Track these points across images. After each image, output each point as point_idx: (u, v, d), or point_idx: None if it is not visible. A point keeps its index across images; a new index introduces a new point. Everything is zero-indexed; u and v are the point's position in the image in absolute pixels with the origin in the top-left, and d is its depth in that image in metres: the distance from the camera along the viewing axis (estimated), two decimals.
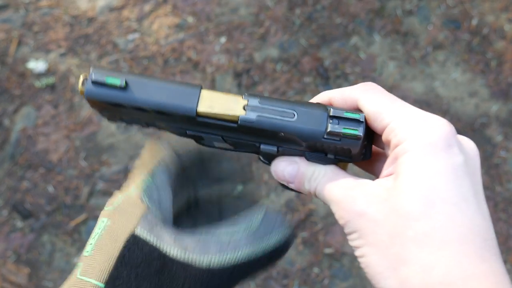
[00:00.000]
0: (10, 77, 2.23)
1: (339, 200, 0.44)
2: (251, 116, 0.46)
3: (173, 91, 0.46)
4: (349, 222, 0.43)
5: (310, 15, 2.33)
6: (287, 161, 0.49)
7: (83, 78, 0.46)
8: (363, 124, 0.46)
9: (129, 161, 2.05)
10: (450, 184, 0.39)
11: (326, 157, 0.47)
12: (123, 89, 0.45)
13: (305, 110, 0.46)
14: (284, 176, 0.49)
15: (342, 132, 0.45)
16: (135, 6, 2.36)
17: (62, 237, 1.94)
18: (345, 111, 0.46)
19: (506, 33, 2.27)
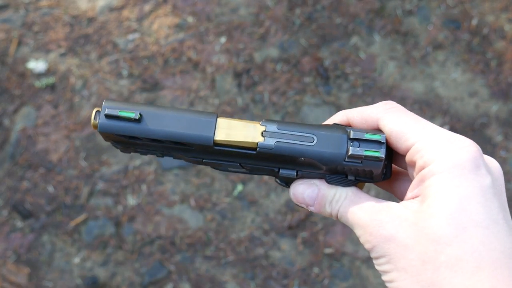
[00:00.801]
0: (10, 77, 2.23)
1: (365, 224, 0.44)
2: (270, 143, 0.46)
3: (188, 121, 0.46)
4: (377, 246, 0.43)
5: (310, 15, 2.33)
6: (306, 184, 0.49)
7: (95, 111, 0.46)
8: (384, 145, 0.45)
9: (129, 161, 2.05)
10: (480, 207, 0.39)
11: (346, 179, 0.47)
12: (138, 122, 0.45)
13: (325, 134, 0.46)
14: (304, 199, 0.49)
15: (363, 154, 0.45)
16: (135, 6, 2.37)
17: (62, 237, 1.94)
18: (365, 133, 0.45)
19: (506, 33, 2.27)
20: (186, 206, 1.97)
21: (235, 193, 1.99)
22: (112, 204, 1.99)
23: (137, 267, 1.89)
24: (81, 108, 2.15)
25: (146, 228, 1.94)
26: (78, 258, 1.91)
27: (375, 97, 2.15)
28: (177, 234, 1.93)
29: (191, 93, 2.17)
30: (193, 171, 2.03)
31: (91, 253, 1.91)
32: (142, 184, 2.01)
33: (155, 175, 2.02)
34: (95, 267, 1.90)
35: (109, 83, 2.20)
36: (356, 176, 0.47)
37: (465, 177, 0.40)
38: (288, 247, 1.91)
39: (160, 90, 2.18)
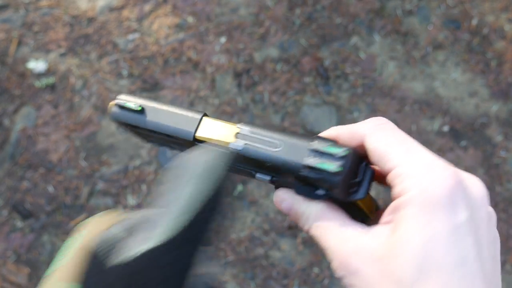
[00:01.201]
0: (10, 77, 2.23)
1: (334, 251, 0.42)
2: (239, 144, 0.46)
3: (178, 116, 0.50)
4: (344, 277, 0.41)
5: (310, 15, 2.33)
6: (285, 194, 0.47)
7: (111, 104, 0.53)
8: (343, 160, 0.43)
9: (129, 161, 2.05)
10: (449, 248, 0.37)
11: (314, 193, 0.45)
12: (139, 113, 0.51)
13: (290, 142, 0.45)
14: (282, 208, 0.47)
15: (317, 166, 0.43)
16: (135, 6, 2.37)
17: (62, 237, 1.94)
18: (328, 145, 0.44)
19: (506, 33, 2.27)
20: None
21: (235, 193, 1.99)
22: (112, 204, 1.98)
23: None
24: (81, 108, 2.15)
25: None
26: None
27: (375, 97, 2.15)
28: None
29: (191, 93, 2.17)
30: None
31: None
32: (142, 184, 2.01)
33: (155, 175, 2.02)
34: None
35: (109, 83, 2.20)
36: (326, 191, 0.45)
37: (437, 215, 0.38)
38: (288, 247, 1.91)
39: (160, 90, 2.18)
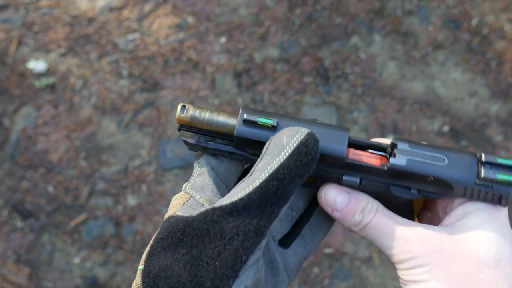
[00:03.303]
0: (10, 77, 2.23)
1: (406, 236, 0.48)
2: (401, 160, 0.47)
3: (323, 133, 0.48)
4: (418, 257, 0.47)
5: (310, 15, 2.33)
6: (339, 189, 0.51)
7: (181, 106, 0.50)
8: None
9: (129, 161, 2.05)
10: (510, 246, 0.48)
11: (410, 192, 0.49)
12: (274, 129, 0.48)
13: (455, 155, 0.48)
14: (335, 203, 0.51)
15: (496, 178, 0.46)
16: (135, 6, 2.37)
17: (62, 237, 1.94)
18: (497, 157, 0.47)
19: (506, 33, 2.27)
20: None
21: None
22: (112, 204, 1.99)
23: (137, 267, 1.89)
24: (81, 108, 2.15)
25: (146, 228, 1.94)
26: (78, 258, 1.91)
27: (375, 97, 2.15)
28: None
29: (191, 93, 2.17)
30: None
31: (91, 253, 1.91)
32: (142, 184, 2.01)
33: (155, 175, 2.02)
34: (95, 267, 1.90)
35: (109, 83, 2.20)
36: (418, 190, 0.49)
37: (502, 218, 0.49)
38: None
39: (160, 90, 2.18)
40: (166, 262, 0.43)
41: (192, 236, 0.44)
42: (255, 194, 0.44)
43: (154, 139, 2.09)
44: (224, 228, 0.43)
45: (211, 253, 0.42)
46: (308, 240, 0.56)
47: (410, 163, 0.47)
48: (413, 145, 0.48)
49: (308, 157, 0.44)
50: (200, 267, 0.42)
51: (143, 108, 2.15)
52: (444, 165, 0.47)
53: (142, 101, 2.16)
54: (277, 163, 0.44)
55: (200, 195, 0.49)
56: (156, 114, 2.13)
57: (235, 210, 0.43)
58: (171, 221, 0.46)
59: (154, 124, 2.12)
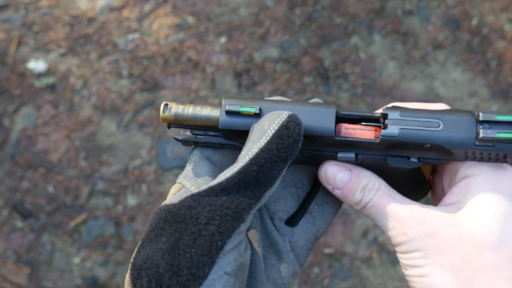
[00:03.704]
0: (10, 77, 2.23)
1: (404, 217, 0.45)
2: (393, 130, 0.45)
3: (309, 113, 0.46)
4: (414, 240, 0.44)
5: (310, 15, 2.33)
6: (340, 166, 0.49)
7: (163, 105, 0.48)
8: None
9: (129, 161, 2.05)
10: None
11: (409, 161, 0.47)
12: (258, 116, 0.46)
13: (450, 118, 0.45)
14: (335, 181, 0.49)
15: (496, 137, 0.43)
16: (135, 6, 2.37)
17: (62, 237, 1.94)
18: (495, 114, 0.44)
19: (506, 33, 2.27)
20: None
21: None
22: (112, 204, 1.99)
23: None
24: (81, 108, 2.15)
25: (146, 228, 1.94)
26: (78, 258, 1.91)
27: (375, 97, 2.15)
28: None
29: (191, 93, 2.17)
30: None
31: (91, 253, 1.91)
32: (142, 184, 2.01)
33: (155, 175, 2.02)
34: (95, 267, 1.90)
35: (109, 83, 2.20)
36: (418, 158, 0.46)
37: (508, 183, 0.45)
38: None
39: (160, 90, 2.18)
40: (149, 253, 0.42)
41: (171, 223, 0.43)
42: (234, 180, 0.42)
43: (154, 139, 2.09)
44: (200, 213, 0.42)
45: (187, 240, 0.41)
46: (317, 216, 0.54)
47: (403, 133, 0.45)
48: (404, 112, 0.46)
49: (290, 139, 0.43)
50: (177, 255, 0.41)
51: (143, 108, 2.15)
52: (439, 130, 0.44)
53: (142, 101, 2.16)
54: (258, 147, 0.43)
55: (191, 184, 0.48)
56: (156, 114, 2.13)
57: (213, 195, 0.42)
58: (156, 211, 0.45)
59: (154, 124, 2.12)
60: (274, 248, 0.51)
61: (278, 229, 0.52)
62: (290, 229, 0.53)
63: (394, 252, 1.98)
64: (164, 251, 0.42)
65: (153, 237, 0.43)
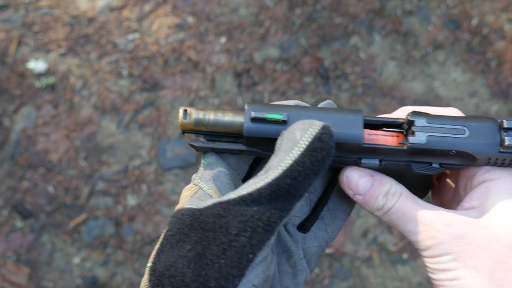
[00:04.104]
0: (10, 77, 2.23)
1: (431, 221, 0.45)
2: (421, 138, 0.45)
3: (336, 120, 0.46)
4: (444, 243, 0.44)
5: (310, 15, 2.33)
6: (361, 172, 0.49)
7: (182, 111, 0.47)
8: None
9: (129, 161, 2.05)
10: None
11: (431, 167, 0.47)
12: (284, 124, 0.46)
13: (475, 125, 0.46)
14: (357, 187, 0.49)
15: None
16: (135, 6, 2.37)
17: (62, 237, 1.94)
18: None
19: (506, 33, 2.27)
20: None
21: None
22: (112, 204, 1.99)
23: (137, 267, 1.89)
24: (81, 108, 2.15)
25: (146, 228, 1.94)
26: (78, 258, 1.91)
27: (375, 97, 2.15)
28: None
29: (191, 93, 2.17)
30: (193, 171, 2.03)
31: (91, 253, 1.91)
32: (142, 184, 2.01)
33: (155, 175, 2.02)
34: (95, 267, 1.90)
35: (109, 83, 2.20)
36: (440, 164, 0.47)
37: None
38: None
39: (160, 90, 2.18)
40: (171, 259, 0.41)
41: (197, 230, 0.41)
42: (266, 191, 0.41)
43: (154, 139, 2.09)
44: (231, 223, 0.40)
45: (216, 250, 0.40)
46: (329, 222, 0.53)
47: (431, 140, 0.45)
48: (431, 119, 0.46)
49: (323, 152, 0.42)
50: (205, 265, 0.40)
51: (143, 108, 2.15)
52: (465, 137, 0.45)
53: (142, 101, 2.16)
54: (291, 159, 0.42)
55: (208, 186, 0.47)
56: (156, 114, 2.13)
57: (244, 204, 0.41)
58: (178, 215, 0.44)
59: (154, 124, 2.12)
60: (287, 254, 0.51)
61: (291, 234, 0.52)
62: (302, 235, 0.52)
63: (394, 252, 1.98)
64: (190, 260, 0.40)
65: (175, 243, 0.42)
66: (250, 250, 0.40)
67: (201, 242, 0.41)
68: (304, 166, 0.42)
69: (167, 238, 0.43)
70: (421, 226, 0.46)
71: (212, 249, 0.40)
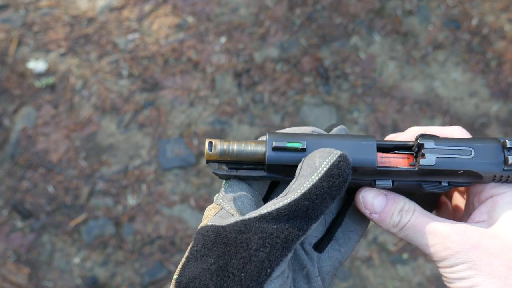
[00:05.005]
0: (10, 77, 2.23)
1: (446, 233, 0.48)
2: (431, 159, 0.49)
3: (351, 146, 0.50)
4: (459, 253, 0.47)
5: (310, 15, 2.33)
6: (376, 192, 0.52)
7: (208, 143, 0.51)
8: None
9: (129, 161, 2.05)
10: None
11: (441, 185, 0.51)
12: (304, 151, 0.49)
13: (480, 145, 0.50)
14: (373, 206, 0.52)
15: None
16: (135, 6, 2.37)
17: (62, 237, 1.94)
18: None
19: (506, 33, 2.27)
20: (186, 206, 1.97)
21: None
22: (112, 204, 1.99)
23: (137, 267, 1.89)
24: (81, 108, 2.15)
25: (146, 228, 1.94)
26: (78, 258, 1.91)
27: (375, 97, 2.15)
28: (177, 234, 1.93)
29: (191, 93, 2.17)
30: (193, 171, 2.03)
31: (91, 253, 1.91)
32: (142, 184, 2.01)
33: (155, 175, 2.02)
34: (95, 267, 1.90)
35: (109, 83, 2.20)
36: (449, 182, 0.51)
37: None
38: None
39: (160, 90, 2.18)
40: (196, 272, 0.44)
41: (220, 245, 0.44)
42: (284, 211, 0.44)
43: (154, 139, 2.09)
44: (251, 239, 0.43)
45: (237, 263, 0.43)
46: (342, 243, 0.56)
47: (440, 161, 0.49)
48: (438, 141, 0.50)
49: (340, 178, 0.46)
50: (226, 278, 0.43)
51: (143, 108, 2.15)
52: (472, 157, 0.49)
53: (142, 101, 2.16)
54: (310, 183, 0.45)
55: (230, 206, 0.50)
56: (156, 114, 2.13)
57: (263, 222, 0.44)
58: (202, 232, 0.47)
59: (154, 124, 2.12)
60: (304, 272, 0.53)
61: (307, 253, 0.54)
62: (317, 255, 0.55)
63: (394, 252, 1.98)
64: (212, 273, 0.43)
65: (199, 257, 0.45)
66: (269, 265, 0.43)
67: (223, 256, 0.44)
68: (321, 190, 0.45)
69: (192, 253, 0.46)
70: (436, 239, 0.49)
71: (234, 262, 0.43)
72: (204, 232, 0.46)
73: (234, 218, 0.46)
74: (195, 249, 0.46)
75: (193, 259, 0.45)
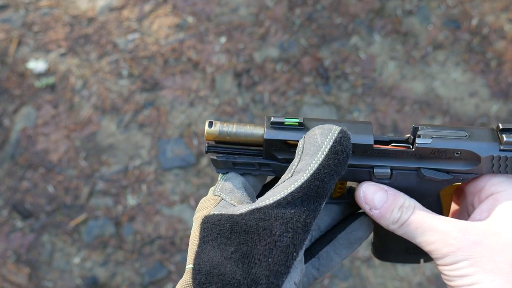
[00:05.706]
0: (10, 77, 2.23)
1: (447, 230, 0.48)
2: (427, 139, 0.50)
3: (348, 126, 0.50)
4: (461, 250, 0.47)
5: (310, 15, 2.33)
6: (376, 187, 0.52)
7: (208, 122, 0.51)
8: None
9: (129, 161, 2.05)
10: None
11: (441, 172, 0.52)
12: (301, 128, 0.50)
13: (473, 130, 0.51)
14: (373, 201, 0.52)
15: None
16: (135, 6, 2.37)
17: (62, 237, 1.94)
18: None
19: (506, 33, 2.27)
20: (186, 206, 1.97)
21: None
22: (112, 204, 1.99)
23: (137, 267, 1.89)
24: (81, 108, 2.16)
25: (146, 228, 1.94)
26: (78, 258, 1.91)
27: (375, 97, 2.15)
28: (177, 234, 1.93)
29: (191, 93, 2.17)
30: (193, 171, 2.03)
31: (91, 253, 1.91)
32: (142, 184, 2.01)
33: (155, 175, 2.02)
34: (95, 267, 1.90)
35: (109, 83, 2.20)
36: (448, 171, 0.51)
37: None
38: None
39: (160, 90, 2.18)
40: (217, 259, 0.44)
41: (239, 233, 0.45)
42: (298, 194, 0.45)
43: (154, 139, 2.09)
44: (273, 225, 0.44)
45: (263, 250, 0.43)
46: (323, 263, 0.56)
47: (435, 141, 0.50)
48: (433, 126, 0.51)
49: (343, 154, 0.47)
50: (253, 264, 0.43)
51: (143, 108, 2.15)
52: (467, 137, 0.50)
53: (142, 101, 2.16)
54: (317, 162, 0.46)
55: (230, 197, 0.50)
56: (156, 114, 2.13)
57: (281, 207, 0.45)
58: (211, 221, 0.47)
59: (154, 124, 2.12)
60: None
61: None
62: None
63: None
64: (237, 260, 0.44)
65: (217, 245, 0.45)
66: (294, 249, 0.44)
67: (246, 243, 0.44)
68: (329, 169, 0.46)
69: (206, 241, 0.46)
70: (437, 235, 0.49)
71: (259, 249, 0.44)
72: (214, 221, 0.46)
73: (246, 207, 0.46)
74: (209, 238, 0.46)
75: (208, 247, 0.45)
